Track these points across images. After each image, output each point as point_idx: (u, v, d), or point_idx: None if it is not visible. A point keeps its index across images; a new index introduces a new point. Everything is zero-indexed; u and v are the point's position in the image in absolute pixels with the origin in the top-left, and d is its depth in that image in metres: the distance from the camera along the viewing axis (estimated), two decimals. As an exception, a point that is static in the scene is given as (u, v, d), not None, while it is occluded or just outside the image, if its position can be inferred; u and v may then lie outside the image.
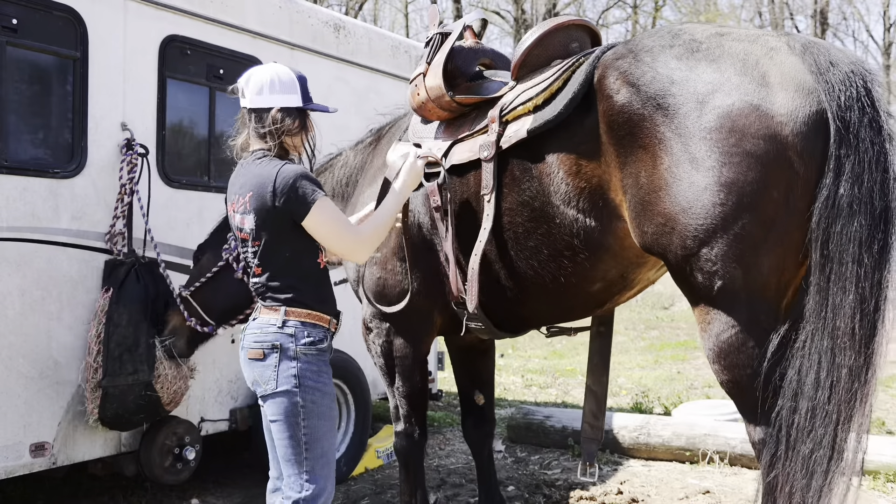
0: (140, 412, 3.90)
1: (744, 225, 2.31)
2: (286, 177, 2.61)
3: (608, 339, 3.50)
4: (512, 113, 2.96)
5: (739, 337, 2.38)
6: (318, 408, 2.68)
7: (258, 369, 2.68)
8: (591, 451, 3.54)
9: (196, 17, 4.38)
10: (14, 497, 4.53)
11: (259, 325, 2.71)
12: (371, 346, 3.62)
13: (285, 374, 2.64)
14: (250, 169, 2.71)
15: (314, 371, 2.68)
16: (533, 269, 2.96)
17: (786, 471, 2.28)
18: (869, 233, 2.24)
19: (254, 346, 2.69)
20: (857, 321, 2.23)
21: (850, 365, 2.24)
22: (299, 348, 2.66)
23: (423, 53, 3.35)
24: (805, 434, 2.26)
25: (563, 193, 2.77)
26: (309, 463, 2.66)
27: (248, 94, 2.75)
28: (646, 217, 2.50)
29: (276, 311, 2.68)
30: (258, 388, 2.70)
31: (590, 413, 3.53)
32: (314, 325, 2.70)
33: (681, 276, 2.51)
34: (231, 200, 2.77)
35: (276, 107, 2.72)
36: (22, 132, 3.71)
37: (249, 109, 2.75)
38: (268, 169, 2.65)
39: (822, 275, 2.27)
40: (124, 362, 3.79)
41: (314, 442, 2.67)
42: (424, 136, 3.34)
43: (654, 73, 2.50)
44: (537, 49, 3.07)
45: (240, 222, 2.72)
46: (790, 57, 2.36)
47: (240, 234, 2.75)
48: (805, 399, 2.27)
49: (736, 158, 2.30)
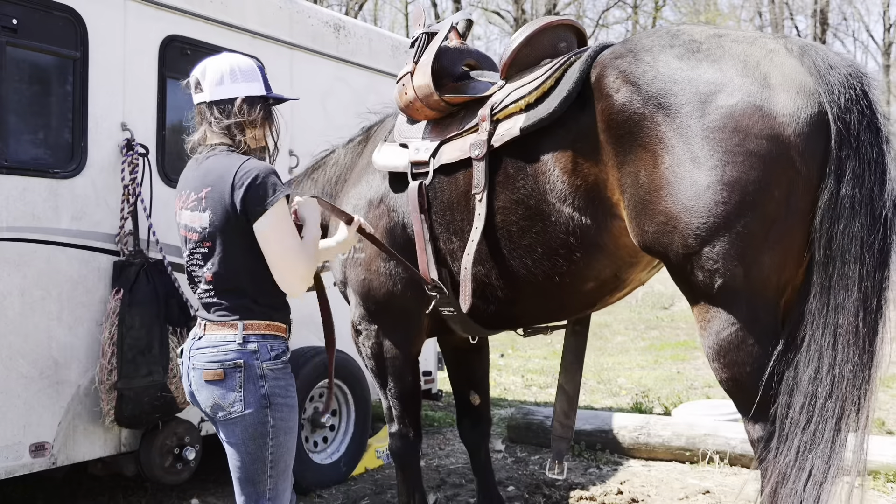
0: (156, 412, 3.94)
1: (746, 223, 2.32)
2: (249, 171, 2.35)
3: (583, 338, 3.52)
4: (503, 111, 2.96)
5: (739, 335, 2.39)
6: (286, 424, 2.45)
7: (218, 392, 2.38)
8: (560, 449, 3.56)
9: (196, 17, 4.38)
10: (14, 497, 4.53)
11: (212, 343, 2.40)
12: (361, 349, 3.61)
13: (253, 395, 2.37)
14: (210, 163, 2.43)
15: (282, 387, 2.43)
16: (526, 267, 2.96)
17: (780, 464, 2.29)
18: (870, 233, 2.27)
19: (210, 366, 2.38)
20: (860, 319, 2.26)
21: (854, 362, 2.26)
22: (265, 365, 2.39)
23: (410, 53, 3.36)
24: (799, 428, 2.28)
25: (559, 191, 2.77)
26: (272, 480, 2.44)
27: (206, 87, 2.49)
28: (646, 216, 2.50)
29: (231, 327, 2.39)
30: (219, 411, 2.39)
31: (561, 412, 3.54)
32: (274, 336, 2.44)
33: (681, 275, 2.52)
34: (182, 195, 2.49)
35: (241, 96, 2.47)
36: (22, 132, 3.71)
37: (210, 103, 2.48)
38: (229, 163, 2.39)
39: (825, 274, 2.30)
40: (139, 364, 3.81)
41: (279, 459, 2.45)
42: (411, 136, 3.34)
43: (656, 72, 2.51)
44: (526, 48, 3.08)
45: (189, 220, 2.44)
46: (789, 59, 2.39)
47: (186, 234, 2.46)
48: (800, 393, 2.29)
49: (739, 158, 2.32)
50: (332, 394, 3.04)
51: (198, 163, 2.49)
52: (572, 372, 3.53)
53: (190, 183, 2.48)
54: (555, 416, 3.56)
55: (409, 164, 3.26)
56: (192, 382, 2.46)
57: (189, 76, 2.62)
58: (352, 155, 3.91)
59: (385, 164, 3.38)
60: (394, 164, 3.34)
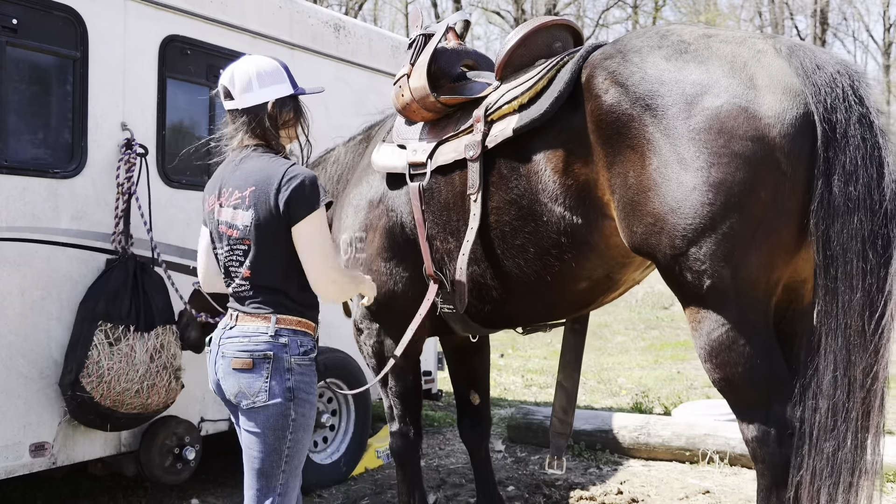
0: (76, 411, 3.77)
1: (732, 224, 2.33)
2: (294, 176, 2.43)
3: (582, 336, 3.53)
4: (497, 112, 2.97)
5: (730, 335, 2.40)
6: (307, 420, 2.52)
7: (245, 380, 2.46)
8: (559, 445, 3.57)
9: (196, 17, 4.38)
10: (14, 497, 4.53)
11: (244, 333, 2.48)
12: (362, 347, 3.62)
13: (279, 386, 2.44)
14: (254, 163, 2.50)
15: (307, 383, 2.51)
16: (519, 267, 2.97)
17: (811, 469, 2.28)
18: (871, 229, 2.26)
19: (240, 355, 2.46)
20: (865, 318, 2.26)
21: (864, 363, 2.26)
22: (294, 359, 2.48)
23: (407, 55, 3.37)
24: (828, 432, 2.28)
25: (551, 191, 2.78)
26: (284, 476, 2.50)
27: (236, 94, 2.54)
28: (635, 217, 2.51)
29: (265, 319, 2.47)
30: (244, 399, 2.47)
31: (560, 408, 3.56)
32: (304, 333, 2.53)
33: (670, 276, 2.53)
34: (221, 193, 2.55)
35: (271, 100, 2.53)
36: (22, 132, 3.72)
37: (242, 110, 2.54)
38: (275, 166, 2.47)
39: (829, 275, 2.30)
40: (67, 361, 3.76)
41: (294, 455, 2.51)
42: (409, 137, 3.35)
43: (643, 73, 2.52)
44: (521, 49, 3.09)
45: (231, 217, 2.51)
46: (777, 59, 2.39)
47: (226, 231, 2.52)
48: (825, 398, 2.29)
49: (724, 159, 2.32)
50: None
51: (236, 163, 2.55)
52: (571, 369, 3.54)
53: (231, 181, 2.54)
54: (553, 412, 3.58)
55: (406, 165, 3.26)
56: (220, 370, 2.54)
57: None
58: (352, 154, 3.91)
59: (384, 164, 3.40)
60: (392, 164, 3.35)
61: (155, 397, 3.86)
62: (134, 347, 3.79)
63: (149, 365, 3.83)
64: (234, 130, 2.59)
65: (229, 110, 2.59)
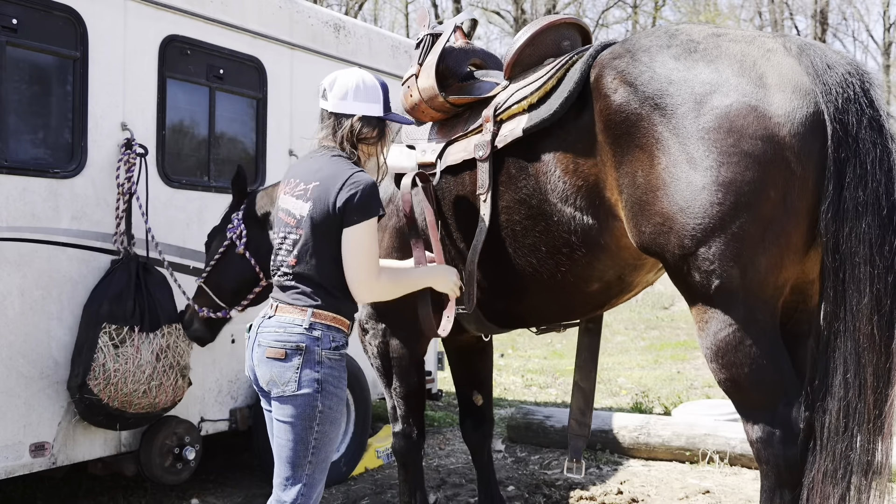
0: (85, 413, 3.81)
1: (741, 224, 2.32)
2: (357, 182, 2.56)
3: (597, 336, 3.51)
4: (506, 112, 2.97)
5: (737, 336, 2.39)
6: (334, 413, 2.61)
7: (277, 369, 2.57)
8: (577, 447, 3.55)
9: (196, 17, 4.38)
10: (14, 497, 4.53)
11: (281, 324, 2.60)
12: (367, 347, 3.62)
13: (308, 377, 2.54)
14: (325, 161, 2.65)
15: (335, 377, 2.61)
16: (531, 266, 2.96)
17: (822, 470, 2.28)
18: (878, 233, 2.25)
19: (274, 344, 2.57)
20: (874, 322, 2.25)
21: (874, 365, 2.26)
22: (324, 353, 2.57)
23: (414, 55, 3.36)
24: (839, 433, 2.27)
25: (560, 191, 2.78)
26: (311, 467, 2.59)
27: (331, 98, 2.70)
28: (643, 216, 2.50)
29: (301, 312, 2.58)
30: (274, 388, 2.58)
31: (577, 410, 3.54)
32: (338, 329, 2.63)
33: (678, 276, 2.52)
34: (291, 182, 2.70)
35: (358, 115, 2.67)
36: (22, 132, 3.72)
37: (331, 112, 2.70)
38: (343, 168, 2.60)
39: (837, 278, 2.29)
40: (74, 364, 3.80)
41: (321, 447, 2.60)
42: (418, 137, 3.35)
43: (652, 72, 2.51)
44: (529, 48, 3.08)
45: (291, 206, 2.65)
46: (787, 58, 2.38)
47: (284, 218, 2.67)
48: (835, 399, 2.29)
49: (734, 158, 2.31)
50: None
51: (311, 158, 2.72)
52: (587, 370, 3.52)
53: (300, 173, 2.68)
54: (571, 414, 3.55)
55: (416, 166, 3.26)
56: (255, 357, 2.64)
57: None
58: None
59: (393, 165, 3.39)
60: (402, 165, 3.35)
61: (163, 396, 3.90)
62: (139, 348, 3.81)
63: (155, 365, 3.85)
64: (320, 128, 2.75)
65: (322, 108, 2.75)
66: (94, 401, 3.73)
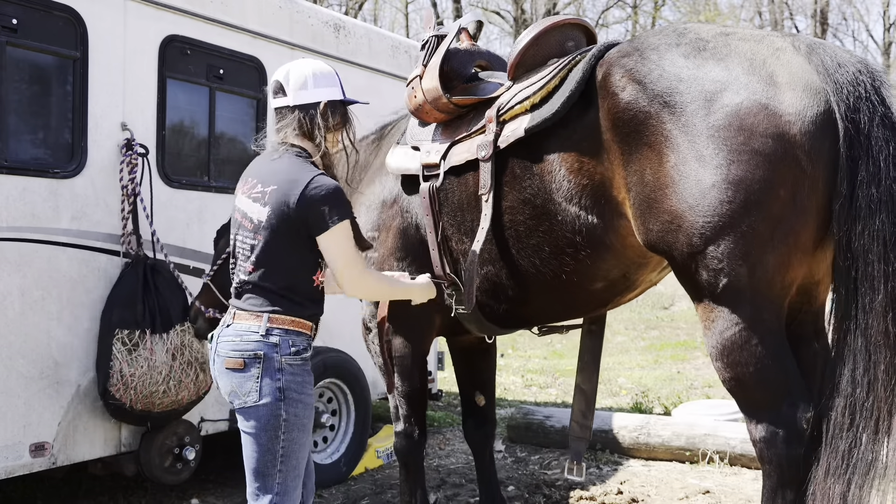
0: (116, 417, 3.91)
1: (751, 223, 2.31)
2: (319, 187, 2.48)
3: (600, 337, 3.51)
4: (509, 112, 2.97)
5: (743, 335, 2.39)
6: (300, 420, 2.52)
7: (237, 380, 2.48)
8: (578, 449, 3.55)
9: (196, 17, 4.38)
10: (14, 497, 4.53)
11: (237, 332, 2.51)
12: (370, 346, 3.62)
13: (269, 386, 2.46)
14: (282, 162, 2.55)
15: (298, 383, 2.51)
16: (535, 266, 2.96)
17: (825, 466, 2.28)
18: (892, 231, 2.25)
19: (232, 354, 2.49)
20: (889, 320, 2.24)
21: (887, 363, 2.25)
22: (284, 359, 2.48)
23: (419, 56, 3.37)
24: (843, 430, 2.27)
25: (565, 191, 2.77)
26: (281, 475, 2.51)
27: (290, 91, 2.59)
28: (651, 215, 2.50)
29: (257, 318, 2.49)
30: (235, 399, 2.50)
31: (579, 412, 3.53)
32: (298, 332, 2.53)
33: (685, 274, 2.51)
34: (248, 181, 2.62)
35: (324, 101, 2.60)
36: (22, 132, 3.71)
37: (294, 106, 2.60)
38: (304, 172, 2.51)
39: (849, 276, 2.28)
40: (97, 372, 3.84)
41: (290, 455, 2.52)
42: (422, 138, 3.35)
43: (661, 70, 2.51)
44: (533, 48, 3.08)
45: (248, 208, 2.57)
46: (796, 57, 2.37)
47: (242, 220, 2.59)
48: (841, 396, 2.28)
49: (744, 156, 2.31)
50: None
51: (270, 158, 2.61)
52: (589, 371, 3.51)
53: (258, 174, 2.60)
54: (573, 416, 3.55)
55: (420, 167, 3.26)
56: (216, 368, 2.57)
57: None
58: (365, 154, 3.91)
59: (398, 166, 3.40)
60: (406, 166, 3.35)
61: (185, 393, 3.95)
62: (153, 350, 3.84)
63: (171, 364, 3.88)
64: (280, 127, 2.64)
65: (278, 108, 2.64)
66: (119, 405, 3.80)
